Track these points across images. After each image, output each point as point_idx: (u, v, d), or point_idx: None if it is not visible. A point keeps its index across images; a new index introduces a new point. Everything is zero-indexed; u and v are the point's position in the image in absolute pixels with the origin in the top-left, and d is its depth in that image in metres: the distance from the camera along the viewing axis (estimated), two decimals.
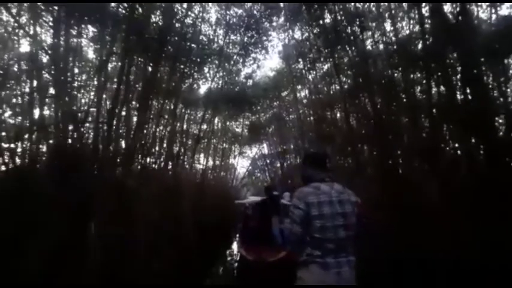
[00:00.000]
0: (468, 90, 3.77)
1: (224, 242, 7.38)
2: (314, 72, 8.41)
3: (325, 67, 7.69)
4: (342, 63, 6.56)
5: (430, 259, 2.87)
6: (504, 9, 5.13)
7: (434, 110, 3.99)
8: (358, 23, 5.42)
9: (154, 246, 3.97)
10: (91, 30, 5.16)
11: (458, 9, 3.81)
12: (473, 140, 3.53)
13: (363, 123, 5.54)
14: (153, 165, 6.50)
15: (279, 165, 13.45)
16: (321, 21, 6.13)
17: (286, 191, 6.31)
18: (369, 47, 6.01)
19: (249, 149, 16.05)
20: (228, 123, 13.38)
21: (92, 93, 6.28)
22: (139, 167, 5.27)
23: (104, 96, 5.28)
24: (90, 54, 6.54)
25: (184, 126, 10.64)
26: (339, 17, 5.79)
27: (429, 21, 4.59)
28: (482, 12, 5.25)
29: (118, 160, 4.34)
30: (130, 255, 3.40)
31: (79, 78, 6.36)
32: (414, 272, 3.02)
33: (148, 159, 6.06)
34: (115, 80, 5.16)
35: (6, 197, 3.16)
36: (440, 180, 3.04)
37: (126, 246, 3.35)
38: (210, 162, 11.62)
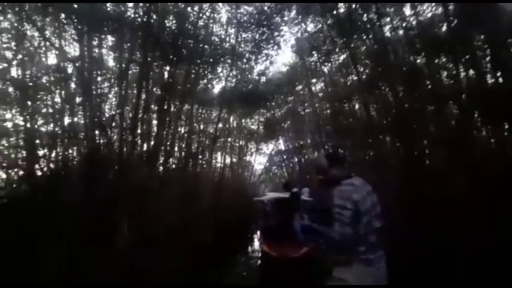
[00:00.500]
0: (498, 74, 3.50)
1: (245, 239, 7.50)
2: (329, 64, 8.20)
3: (341, 58, 7.46)
4: (359, 52, 6.32)
5: (451, 253, 2.77)
6: None
7: (463, 96, 3.73)
8: (374, 9, 5.17)
9: (178, 245, 4.11)
10: (110, 39, 5.41)
11: None
12: (506, 127, 3.29)
13: (383, 114, 5.32)
14: (174, 166, 6.73)
15: (296, 160, 13.34)
16: (334, 12, 5.92)
17: (305, 187, 6.26)
18: (387, 33, 5.72)
19: (265, 146, 16.08)
20: (243, 121, 13.47)
21: (115, 100, 6.59)
22: (161, 168, 5.48)
23: (126, 102, 5.55)
24: (111, 63, 6.86)
25: (201, 126, 10.92)
26: (354, 5, 5.57)
27: (453, 2, 4.28)
28: None
29: (141, 162, 4.54)
30: (156, 255, 3.55)
31: (102, 86, 6.70)
32: (435, 265, 2.92)
33: (169, 160, 6.28)
34: (134, 85, 5.38)
35: (43, 199, 3.42)
36: (470, 171, 2.87)
37: (152, 246, 3.50)
38: (228, 161, 11.81)
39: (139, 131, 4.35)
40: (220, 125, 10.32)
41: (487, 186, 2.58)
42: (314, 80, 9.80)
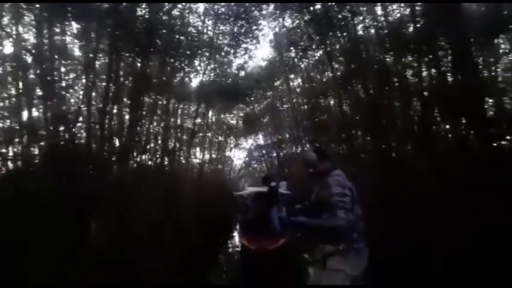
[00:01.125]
0: (458, 72, 3.78)
1: (225, 234, 7.49)
2: (306, 61, 8.33)
3: (317, 55, 7.61)
4: (334, 50, 6.50)
5: (420, 247, 2.94)
6: None
7: (425, 93, 4.01)
8: (348, 7, 5.33)
9: (154, 243, 4.00)
10: (75, 26, 4.99)
11: None
12: (463, 121, 3.59)
13: (356, 110, 5.56)
14: (149, 163, 6.48)
15: (275, 155, 13.51)
16: (311, 8, 6.01)
17: (283, 181, 6.38)
18: (360, 32, 5.95)
19: (245, 141, 16.06)
20: (222, 115, 13.30)
21: (82, 92, 6.14)
22: (134, 165, 5.25)
23: (94, 94, 5.19)
24: (77, 52, 6.35)
25: (178, 121, 10.60)
26: (329, 3, 5.69)
27: (419, 4, 4.53)
28: None
29: (112, 159, 4.31)
30: (130, 253, 3.43)
31: (66, 78, 6.20)
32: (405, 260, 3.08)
33: (143, 157, 6.04)
34: (104, 77, 5.04)
35: (2, 200, 3.13)
36: (431, 162, 3.11)
37: (125, 245, 3.37)
38: (207, 156, 11.63)
39: (108, 126, 4.09)
40: (198, 120, 10.11)
41: (449, 180, 2.82)
42: (292, 76, 9.92)
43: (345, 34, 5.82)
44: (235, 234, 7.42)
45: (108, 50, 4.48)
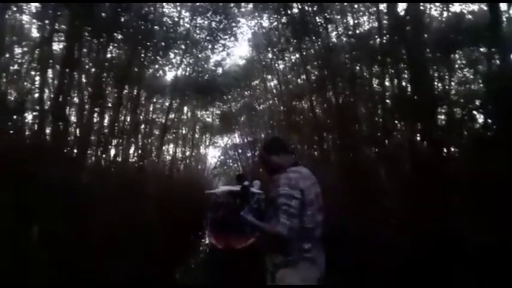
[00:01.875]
0: (414, 84, 4.06)
1: (195, 234, 7.27)
2: (283, 63, 8.41)
3: (293, 58, 7.73)
4: (309, 54, 6.65)
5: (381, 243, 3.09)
6: (456, 6, 5.55)
7: (387, 101, 4.29)
8: (323, 14, 5.48)
9: (114, 245, 3.72)
10: (33, 5, 4.47)
11: (408, 7, 4.03)
12: (418, 128, 3.88)
13: (327, 114, 5.76)
14: (114, 159, 6.06)
15: (249, 154, 13.50)
16: (288, 11, 6.07)
17: (256, 180, 6.38)
18: (333, 39, 6.16)
19: (221, 139, 15.85)
20: (198, 112, 12.97)
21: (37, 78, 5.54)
22: (96, 161, 4.86)
23: (52, 81, 4.70)
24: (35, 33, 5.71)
25: (151, 116, 10.10)
26: (306, 8, 5.80)
27: (385, 18, 4.82)
28: (434, 9, 5.64)
29: (70, 154, 3.93)
30: (83, 256, 3.14)
31: (20, 60, 5.55)
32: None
33: (108, 153, 5.62)
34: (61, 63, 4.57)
35: None
36: (387, 164, 3.31)
37: (77, 246, 3.08)
38: (180, 153, 11.25)
39: (64, 117, 3.70)
40: (172, 116, 9.72)
41: (404, 179, 3.04)
42: (269, 77, 9.96)
43: (319, 40, 5.98)
44: (206, 232, 7.25)
45: (67, 31, 4.03)
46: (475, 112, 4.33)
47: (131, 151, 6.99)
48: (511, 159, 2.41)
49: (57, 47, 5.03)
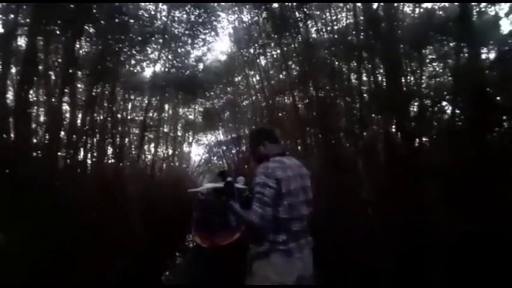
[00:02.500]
0: (389, 78, 4.20)
1: (179, 235, 7.11)
2: (265, 58, 8.38)
3: (275, 53, 7.73)
4: (290, 50, 6.67)
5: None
6: (428, 4, 5.79)
7: (364, 95, 4.43)
8: (303, 9, 5.50)
9: (92, 249, 3.54)
10: None
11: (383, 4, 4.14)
12: (393, 120, 4.03)
13: (308, 108, 5.83)
14: (90, 160, 5.74)
15: (234, 151, 13.41)
16: (268, 5, 6.03)
17: (240, 176, 6.34)
18: (313, 35, 6.21)
19: (204, 136, 15.57)
20: (180, 110, 12.63)
21: None
22: (68, 162, 4.57)
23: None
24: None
25: (129, 114, 9.70)
26: (286, 3, 5.79)
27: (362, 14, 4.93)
28: (407, 6, 5.85)
29: (37, 155, 3.66)
30: (58, 263, 2.96)
31: None
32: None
33: (81, 153, 5.31)
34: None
35: None
36: (365, 156, 3.42)
37: (50, 251, 2.90)
38: (162, 152, 10.92)
39: (25, 114, 3.43)
40: (152, 114, 9.39)
41: (380, 170, 3.15)
42: (252, 72, 9.89)
43: (299, 35, 6.01)
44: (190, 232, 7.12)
45: (31, 23, 3.71)
46: (444, 103, 4.61)
47: (109, 151, 6.69)
48: (477, 147, 2.57)
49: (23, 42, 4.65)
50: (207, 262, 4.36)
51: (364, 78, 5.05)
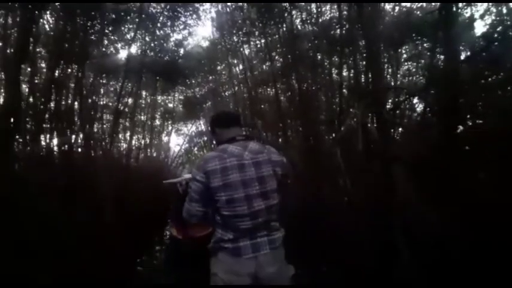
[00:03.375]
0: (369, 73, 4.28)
1: (156, 228, 6.89)
2: (248, 47, 8.14)
3: (258, 43, 7.53)
4: (274, 40, 6.53)
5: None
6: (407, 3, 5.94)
7: (344, 91, 4.51)
8: None
9: (58, 243, 3.26)
10: None
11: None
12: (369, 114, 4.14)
13: (290, 100, 5.81)
14: (56, 148, 5.27)
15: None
16: None
17: None
18: (298, 26, 6.11)
19: (185, 126, 15.09)
20: (159, 97, 12.04)
21: None
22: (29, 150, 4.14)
23: None
24: None
25: (102, 100, 9.04)
26: None
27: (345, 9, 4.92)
28: (388, 4, 5.94)
29: None
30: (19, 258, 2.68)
31: None
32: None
33: (48, 141, 4.84)
34: None
35: None
36: (343, 147, 3.49)
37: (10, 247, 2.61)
38: (138, 141, 10.40)
39: None
40: (127, 100, 8.82)
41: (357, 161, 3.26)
42: (235, 61, 9.60)
43: (283, 25, 5.87)
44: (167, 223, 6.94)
45: None
46: (415, 101, 4.85)
47: (78, 140, 6.18)
48: (446, 140, 2.67)
49: None
50: (182, 254, 4.26)
51: (344, 73, 5.13)
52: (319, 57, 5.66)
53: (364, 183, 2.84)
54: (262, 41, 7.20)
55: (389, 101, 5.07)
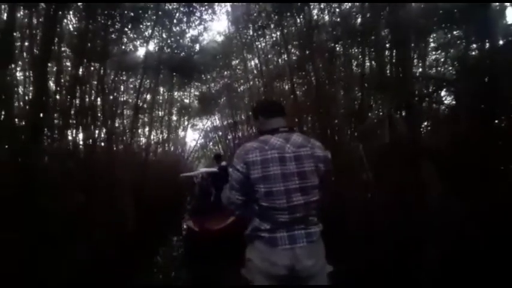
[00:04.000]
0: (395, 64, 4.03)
1: (174, 221, 7.08)
2: (264, 41, 8.00)
3: (274, 36, 7.36)
4: (290, 32, 6.34)
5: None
6: None
7: (365, 84, 4.28)
8: None
9: (83, 236, 3.43)
10: None
11: None
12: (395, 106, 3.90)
13: (308, 94, 5.64)
14: (81, 142, 5.54)
15: (230, 137, 13.23)
16: None
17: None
18: (315, 16, 5.87)
19: (200, 121, 15.31)
20: (175, 93, 12.27)
21: None
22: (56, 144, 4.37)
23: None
24: None
25: (122, 96, 9.36)
26: None
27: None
28: None
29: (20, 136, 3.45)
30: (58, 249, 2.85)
31: None
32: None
33: (73, 136, 5.09)
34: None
35: None
36: (367, 140, 3.33)
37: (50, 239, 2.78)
38: (156, 136, 10.71)
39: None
40: (146, 96, 9.07)
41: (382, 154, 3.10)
42: (250, 56, 9.51)
43: (301, 17, 5.67)
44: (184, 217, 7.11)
45: None
46: (443, 93, 4.52)
47: (101, 134, 6.46)
48: (480, 134, 2.48)
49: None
50: (198, 248, 4.29)
51: (367, 64, 4.85)
52: (338, 48, 5.41)
53: (389, 178, 2.70)
54: (278, 33, 7.06)
55: (416, 92, 4.78)
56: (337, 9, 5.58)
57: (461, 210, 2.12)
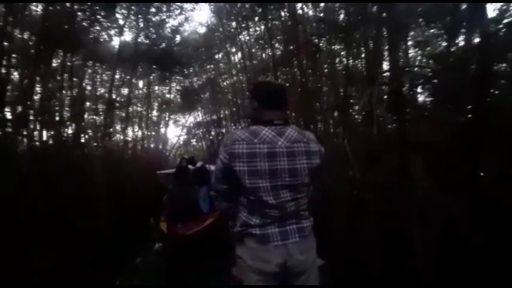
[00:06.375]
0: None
1: (151, 220, 6.72)
2: (247, 34, 7.79)
3: (258, 30, 7.18)
4: (274, 26, 6.19)
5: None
6: None
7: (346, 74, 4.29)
8: None
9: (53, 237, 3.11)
10: None
11: None
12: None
13: (292, 88, 5.55)
14: (47, 137, 5.07)
15: (214, 133, 12.95)
16: None
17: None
18: (299, 10, 5.75)
19: (183, 117, 14.83)
20: (156, 87, 11.72)
21: None
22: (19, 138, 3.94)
23: None
24: None
25: (96, 90, 8.78)
26: None
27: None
28: None
29: None
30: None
31: None
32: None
33: (39, 130, 4.63)
34: None
35: None
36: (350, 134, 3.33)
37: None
38: (134, 133, 10.19)
39: None
40: (121, 90, 8.55)
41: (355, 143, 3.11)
42: (233, 50, 9.26)
43: (285, 10, 5.53)
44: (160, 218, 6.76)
45: None
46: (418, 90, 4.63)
47: (71, 130, 5.97)
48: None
49: None
50: (176, 249, 4.04)
51: (350, 60, 4.85)
52: (322, 43, 5.35)
53: (376, 173, 2.67)
54: (262, 27, 6.87)
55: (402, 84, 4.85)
56: (321, 4, 5.51)
57: (448, 204, 2.10)
